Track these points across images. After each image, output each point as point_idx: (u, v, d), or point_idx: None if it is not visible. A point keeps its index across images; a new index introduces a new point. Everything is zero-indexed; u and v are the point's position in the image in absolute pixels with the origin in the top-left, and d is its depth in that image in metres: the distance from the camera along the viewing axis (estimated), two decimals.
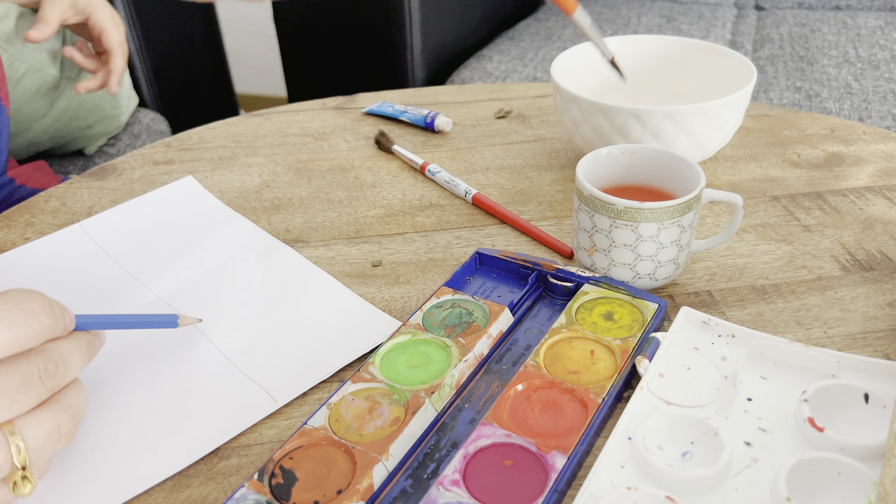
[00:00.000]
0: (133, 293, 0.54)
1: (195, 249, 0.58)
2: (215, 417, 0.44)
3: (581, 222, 0.52)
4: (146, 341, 0.49)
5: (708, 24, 1.51)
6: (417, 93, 0.87)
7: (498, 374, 0.46)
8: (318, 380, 0.46)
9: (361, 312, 0.51)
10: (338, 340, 0.49)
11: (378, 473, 0.38)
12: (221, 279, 0.55)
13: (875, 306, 0.51)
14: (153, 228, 0.62)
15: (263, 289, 0.54)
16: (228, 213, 0.63)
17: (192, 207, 0.65)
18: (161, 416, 0.44)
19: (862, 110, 1.15)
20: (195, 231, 0.61)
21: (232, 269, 0.56)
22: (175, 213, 0.64)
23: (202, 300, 0.53)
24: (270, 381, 0.46)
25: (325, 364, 0.47)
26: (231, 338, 0.49)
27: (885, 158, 0.70)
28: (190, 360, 0.48)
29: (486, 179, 0.69)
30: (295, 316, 0.51)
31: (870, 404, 0.41)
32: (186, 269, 0.56)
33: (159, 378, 0.46)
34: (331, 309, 0.52)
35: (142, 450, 0.42)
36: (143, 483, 0.40)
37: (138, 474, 0.40)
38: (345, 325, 0.50)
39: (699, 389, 0.43)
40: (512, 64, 1.36)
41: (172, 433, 0.43)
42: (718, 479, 0.37)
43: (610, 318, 0.48)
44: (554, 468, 0.38)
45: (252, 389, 0.46)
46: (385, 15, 1.33)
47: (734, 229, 0.53)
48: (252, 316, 0.51)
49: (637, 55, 0.74)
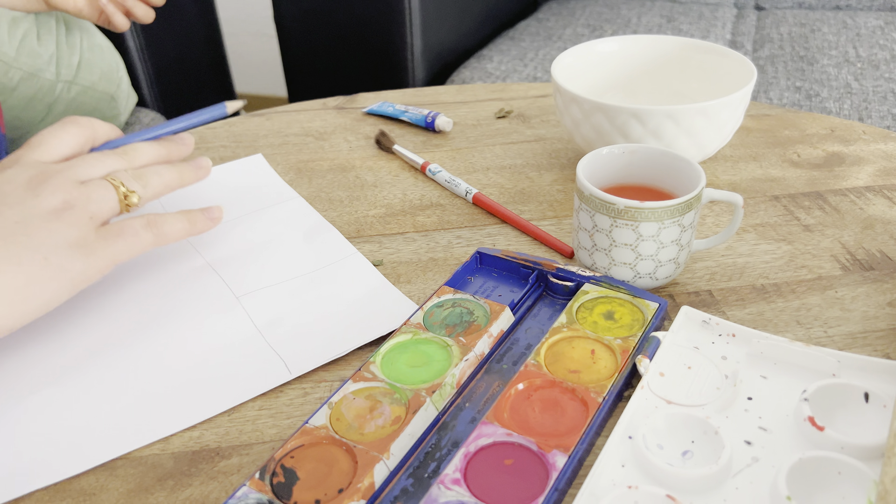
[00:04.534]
0: (185, 257, 0.58)
1: (250, 222, 0.63)
2: (232, 381, 0.47)
3: (581, 222, 0.52)
4: (189, 302, 0.53)
5: (708, 24, 1.51)
6: (418, 93, 0.87)
7: (499, 374, 0.46)
8: (332, 356, 0.48)
9: (386, 296, 0.53)
10: (360, 321, 0.51)
11: (379, 472, 0.38)
12: (267, 253, 0.59)
13: (875, 306, 0.51)
14: (218, 199, 0.66)
15: (303, 266, 0.57)
16: (288, 192, 0.67)
17: (256, 183, 0.69)
18: (182, 373, 0.47)
19: (862, 110, 1.15)
20: (254, 205, 0.65)
21: (279, 244, 0.60)
22: (240, 186, 0.68)
23: (246, 271, 0.57)
24: (290, 353, 0.48)
25: (343, 342, 0.49)
26: (264, 308, 0.53)
27: (885, 158, 0.70)
28: (222, 325, 0.51)
29: (486, 179, 0.69)
30: (326, 294, 0.54)
31: (870, 403, 0.41)
32: (238, 240, 0.60)
33: (190, 337, 0.50)
34: (360, 291, 0.54)
35: (156, 402, 0.45)
36: (150, 435, 0.43)
37: (149, 426, 0.44)
38: (369, 308, 0.52)
39: (699, 389, 0.43)
40: (512, 64, 1.37)
41: (189, 390, 0.46)
42: (719, 479, 0.37)
43: (610, 318, 0.48)
44: (555, 467, 0.38)
45: (272, 359, 0.48)
46: (385, 15, 1.33)
47: (734, 229, 0.53)
48: (288, 290, 0.54)
49: (637, 55, 0.74)
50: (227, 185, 0.68)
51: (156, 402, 0.45)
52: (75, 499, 0.40)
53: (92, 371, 0.47)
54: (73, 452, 0.42)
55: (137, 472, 0.41)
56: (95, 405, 0.45)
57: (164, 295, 0.54)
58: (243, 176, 0.70)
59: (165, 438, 0.43)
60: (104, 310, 0.52)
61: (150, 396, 0.46)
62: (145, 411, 0.45)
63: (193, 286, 0.55)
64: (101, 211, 0.48)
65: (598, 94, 0.72)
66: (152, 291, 0.54)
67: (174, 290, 0.54)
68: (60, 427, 0.44)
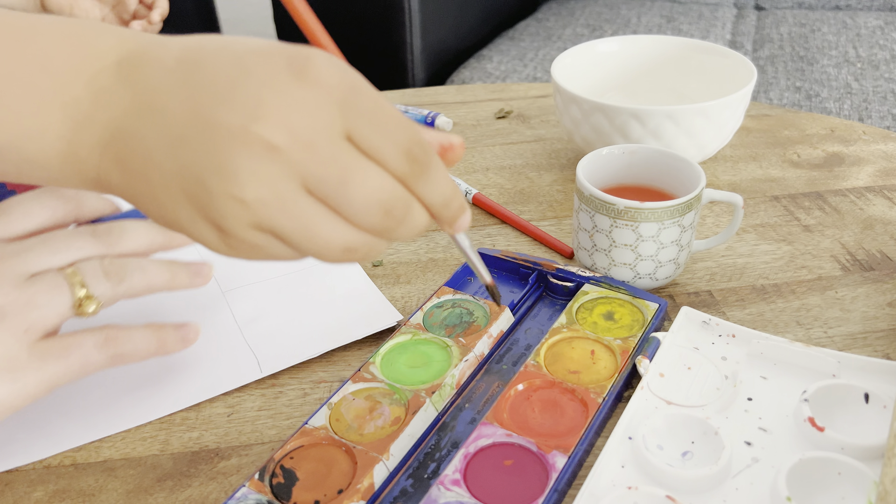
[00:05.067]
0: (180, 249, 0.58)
1: None
2: (203, 376, 0.47)
3: (581, 222, 0.52)
4: (174, 295, 0.52)
5: (708, 24, 1.50)
6: (417, 93, 0.87)
7: (498, 374, 0.46)
8: (305, 357, 0.48)
9: (369, 300, 0.53)
10: (338, 323, 0.51)
11: (379, 473, 0.38)
12: None
13: (875, 306, 0.51)
14: None
15: (293, 263, 0.57)
16: None
17: None
18: (155, 363, 0.47)
19: (862, 110, 1.15)
20: None
21: None
22: None
23: (236, 265, 0.56)
24: (264, 351, 0.48)
25: (317, 343, 0.49)
26: (246, 304, 0.52)
27: (885, 158, 0.70)
28: (203, 319, 0.51)
29: (486, 179, 0.69)
30: (310, 294, 0.54)
31: (870, 404, 0.41)
32: None
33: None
34: (343, 292, 0.54)
35: (125, 392, 0.45)
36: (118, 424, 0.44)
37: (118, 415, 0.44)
38: (351, 310, 0.52)
39: (699, 389, 0.43)
40: (512, 64, 1.36)
41: (159, 382, 0.46)
42: (719, 479, 0.37)
43: (610, 318, 0.48)
44: (554, 468, 0.38)
45: (246, 356, 0.48)
46: (385, 15, 1.33)
47: (734, 229, 0.53)
48: (273, 287, 0.54)
49: (637, 55, 0.74)
50: None
51: (123, 394, 0.45)
52: (74, 499, 0.40)
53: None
54: (44, 437, 0.43)
55: (137, 472, 0.41)
56: (66, 392, 0.45)
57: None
58: None
59: (165, 439, 0.43)
60: None
61: (119, 386, 0.46)
62: (112, 402, 0.45)
63: None
64: (41, 321, 0.37)
65: (598, 95, 0.72)
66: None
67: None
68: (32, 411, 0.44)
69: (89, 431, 0.43)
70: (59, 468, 0.41)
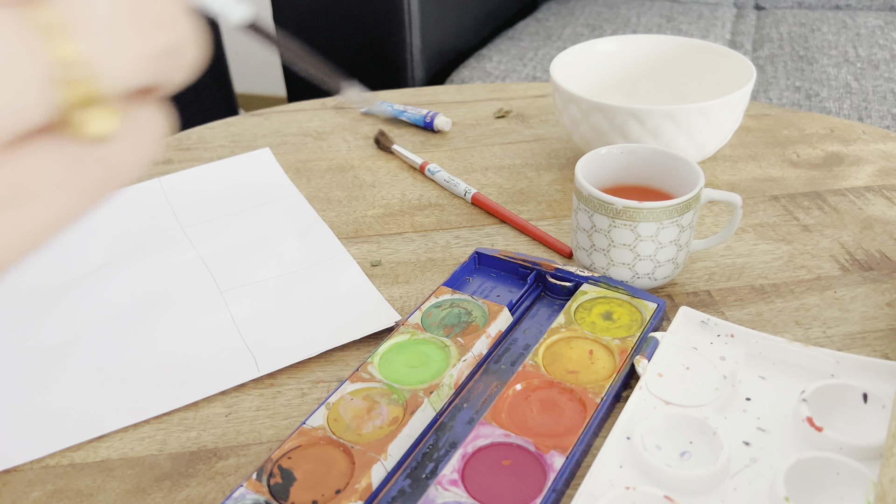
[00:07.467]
0: (179, 249, 0.58)
1: (248, 217, 0.63)
2: (201, 375, 0.47)
3: (580, 222, 0.52)
4: (173, 295, 0.53)
5: (708, 23, 1.50)
6: (417, 92, 0.87)
7: (497, 374, 0.46)
8: (303, 357, 0.48)
9: (367, 300, 0.53)
10: (336, 322, 0.51)
11: (376, 473, 0.38)
12: (259, 249, 0.59)
13: (874, 306, 0.51)
14: (220, 192, 0.66)
15: (291, 264, 0.57)
16: (289, 188, 0.67)
17: (259, 178, 0.69)
18: (152, 362, 0.48)
19: (861, 110, 1.14)
20: (254, 200, 0.65)
21: (271, 240, 0.60)
22: (244, 181, 0.68)
23: (235, 265, 0.57)
24: (262, 351, 0.48)
25: (315, 343, 0.49)
26: (245, 304, 0.53)
27: (884, 158, 0.70)
28: (202, 319, 0.51)
29: (485, 179, 0.69)
30: (307, 294, 0.54)
31: (868, 404, 0.41)
32: (232, 235, 0.60)
33: (166, 330, 0.50)
34: (341, 293, 0.54)
35: (123, 390, 0.46)
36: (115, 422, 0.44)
37: (116, 413, 0.44)
38: (349, 310, 0.52)
39: (698, 389, 0.43)
40: (511, 64, 1.36)
41: (157, 380, 0.46)
42: (717, 479, 0.37)
43: (609, 318, 0.48)
44: (552, 468, 0.38)
45: (244, 355, 0.48)
46: (385, 15, 1.33)
47: (733, 229, 0.53)
48: (272, 287, 0.54)
49: (636, 55, 0.74)
50: (230, 179, 0.68)
51: (121, 392, 0.46)
52: (73, 500, 0.40)
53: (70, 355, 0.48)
54: (40, 436, 0.43)
55: (135, 472, 0.41)
56: (64, 391, 0.46)
57: (151, 285, 0.54)
58: (248, 170, 0.70)
59: (163, 439, 0.43)
60: (91, 297, 0.53)
61: (117, 384, 0.46)
62: (110, 400, 0.45)
63: (181, 278, 0.55)
64: None
65: (598, 94, 0.72)
66: (140, 282, 0.55)
67: (161, 282, 0.55)
68: (27, 410, 0.44)
69: (87, 429, 0.43)
70: (56, 468, 0.41)
